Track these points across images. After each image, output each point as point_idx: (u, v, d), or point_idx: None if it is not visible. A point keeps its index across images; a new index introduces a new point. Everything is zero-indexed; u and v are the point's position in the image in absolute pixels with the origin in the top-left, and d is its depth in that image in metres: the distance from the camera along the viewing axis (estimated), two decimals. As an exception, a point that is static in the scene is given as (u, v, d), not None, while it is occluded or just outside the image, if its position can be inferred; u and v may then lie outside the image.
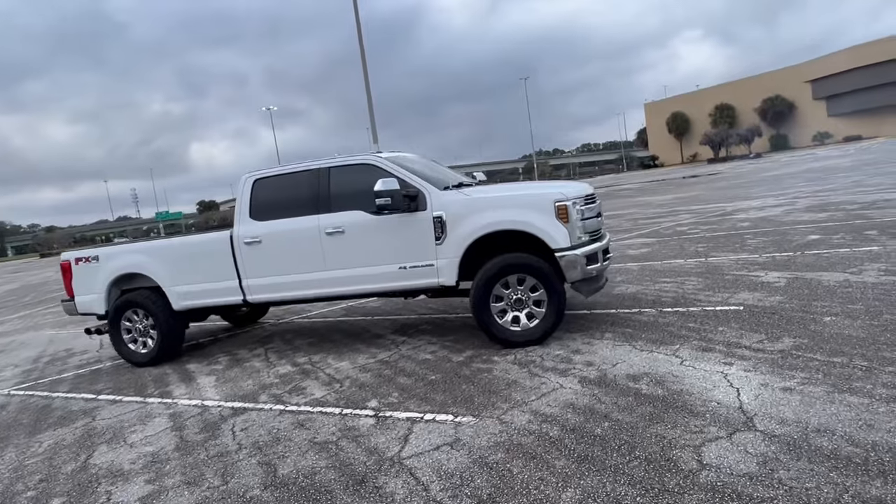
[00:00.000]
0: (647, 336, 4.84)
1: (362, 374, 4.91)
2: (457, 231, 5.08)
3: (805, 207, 12.24)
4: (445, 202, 5.16)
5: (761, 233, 9.52)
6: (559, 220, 4.88)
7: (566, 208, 4.87)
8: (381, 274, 5.37)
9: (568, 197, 4.91)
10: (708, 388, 3.60)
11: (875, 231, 8.13)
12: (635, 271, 7.77)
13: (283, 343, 6.58)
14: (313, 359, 5.67)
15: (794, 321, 4.69)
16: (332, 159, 5.68)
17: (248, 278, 5.86)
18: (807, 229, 9.20)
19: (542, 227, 4.88)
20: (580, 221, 4.98)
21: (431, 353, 5.24)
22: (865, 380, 3.41)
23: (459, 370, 4.65)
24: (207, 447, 3.83)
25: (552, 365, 4.45)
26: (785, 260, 7.10)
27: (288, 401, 4.52)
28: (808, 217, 10.62)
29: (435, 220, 5.15)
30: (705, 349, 4.32)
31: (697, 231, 10.85)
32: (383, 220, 5.28)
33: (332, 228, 5.46)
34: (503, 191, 5.29)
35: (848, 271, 6.10)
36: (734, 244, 8.75)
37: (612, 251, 9.36)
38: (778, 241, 8.45)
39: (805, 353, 3.96)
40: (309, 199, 5.63)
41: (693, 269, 7.39)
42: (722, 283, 6.39)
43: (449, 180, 5.69)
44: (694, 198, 20.10)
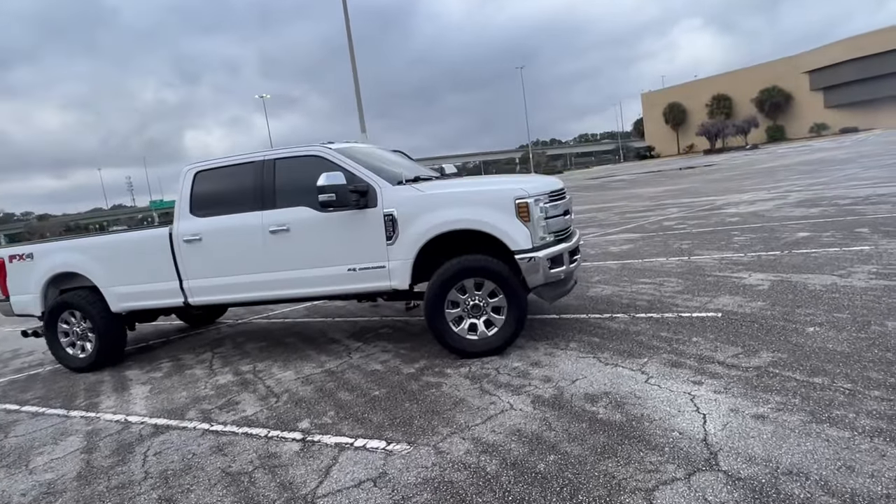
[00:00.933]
0: (615, 346, 4.43)
1: (303, 388, 4.49)
2: (409, 230, 4.64)
3: (797, 202, 11.83)
4: (397, 199, 4.71)
5: (749, 229, 9.10)
6: (520, 219, 4.45)
7: (527, 206, 4.43)
8: (330, 276, 4.93)
9: (530, 194, 4.47)
10: (671, 413, 3.19)
11: (867, 229, 7.72)
12: (614, 270, 7.35)
13: (233, 347, 6.15)
14: (258, 367, 5.24)
15: (774, 331, 4.28)
16: (278, 150, 5.22)
17: (189, 279, 5.42)
18: (797, 226, 8.79)
19: (500, 227, 4.44)
20: (543, 220, 4.54)
21: (382, 363, 4.81)
22: (848, 406, 3.00)
23: (407, 384, 4.23)
24: (111, 476, 3.41)
25: (507, 380, 4.03)
26: (771, 260, 6.69)
27: (216, 418, 4.10)
28: (799, 212, 10.21)
29: (386, 217, 4.70)
30: (675, 364, 3.91)
31: (684, 226, 10.44)
32: (331, 217, 4.83)
33: (276, 226, 5.01)
34: (461, 186, 4.85)
35: (836, 274, 5.69)
36: (720, 241, 8.33)
37: (594, 248, 8.95)
38: (766, 239, 8.03)
39: (783, 372, 3.55)
40: (253, 193, 5.17)
41: (674, 268, 6.98)
42: (702, 285, 5.98)
43: (407, 174, 5.24)
44: (685, 190, 19.67)
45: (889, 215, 8.57)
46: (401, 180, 4.82)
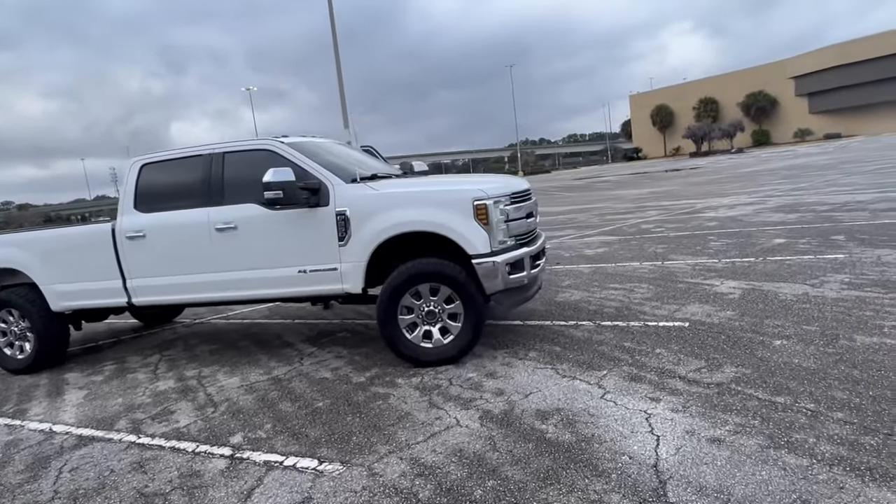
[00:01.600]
0: (576, 357, 4.21)
1: (245, 397, 4.22)
2: (362, 231, 4.38)
3: (776, 207, 11.74)
4: (350, 197, 4.45)
5: (726, 234, 8.97)
6: (478, 222, 4.21)
7: (486, 208, 4.20)
8: (279, 278, 4.66)
9: (489, 195, 4.23)
10: (624, 434, 2.98)
11: (842, 236, 7.61)
12: (586, 275, 7.15)
13: (183, 350, 5.85)
14: (203, 372, 4.96)
15: (740, 344, 4.10)
16: (228, 143, 4.93)
17: (133, 278, 5.11)
18: (773, 231, 8.67)
19: (457, 230, 4.20)
20: (504, 223, 4.30)
21: (332, 371, 4.56)
22: (809, 430, 2.81)
23: (353, 395, 3.98)
24: (17, 495, 3.12)
25: (458, 392, 3.80)
26: (745, 267, 6.53)
27: (145, 430, 3.82)
28: (776, 218, 10.10)
29: (338, 217, 4.44)
30: (634, 378, 3.70)
31: (661, 230, 10.29)
32: (280, 216, 4.56)
33: (222, 224, 4.73)
34: (419, 186, 4.59)
35: (809, 283, 5.53)
36: (696, 246, 8.18)
37: (569, 251, 8.70)
38: (741, 245, 7.89)
39: (745, 389, 3.35)
40: (200, 188, 4.88)
41: (647, 274, 6.79)
42: (673, 292, 5.79)
43: (365, 171, 4.98)
44: (667, 193, 19.60)
45: (866, 223, 8.48)
46: (355, 178, 4.56)
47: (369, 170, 5.08)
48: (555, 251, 9.19)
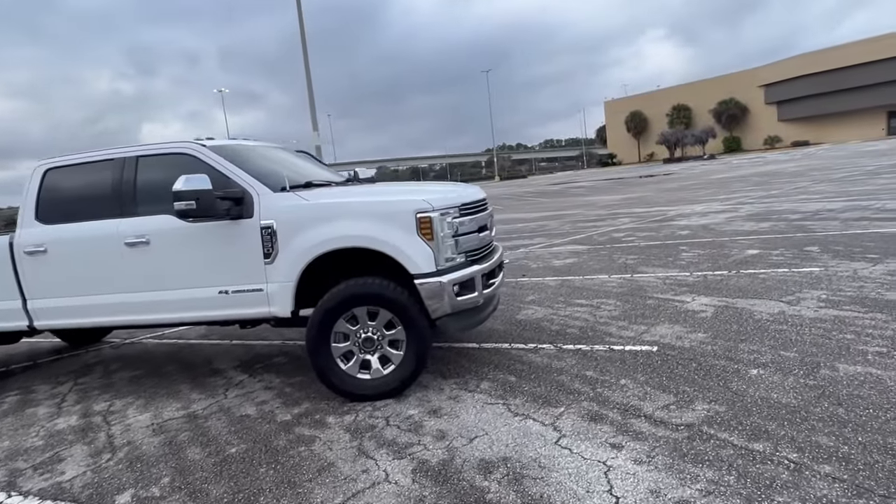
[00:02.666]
0: (531, 389, 3.74)
1: (152, 439, 3.65)
2: (290, 246, 3.85)
3: (748, 215, 11.52)
4: (277, 208, 3.92)
5: (698, 244, 8.64)
6: (421, 237, 3.72)
7: (430, 221, 3.71)
8: (198, 299, 4.10)
9: (434, 207, 3.74)
10: (578, 494, 2.51)
11: (816, 247, 7.32)
12: (552, 288, 6.72)
13: (101, 377, 5.22)
14: (114, 406, 4.36)
15: (713, 374, 3.68)
16: (143, 146, 4.36)
17: (34, 299, 4.49)
18: (746, 242, 8.37)
19: (397, 246, 3.70)
20: (451, 238, 3.82)
21: (258, 406, 4.01)
22: (793, 489, 2.37)
23: (274, 439, 3.45)
24: None
25: (393, 436, 3.30)
26: (717, 281, 6.17)
27: (21, 485, 3.22)
28: (749, 227, 9.84)
29: (263, 230, 3.90)
30: (595, 417, 3.25)
31: (633, 239, 9.94)
32: (199, 229, 4.01)
33: (133, 237, 4.15)
34: (356, 195, 4.08)
35: (784, 300, 5.17)
36: (667, 257, 7.82)
37: (537, 261, 8.16)
38: (714, 256, 7.55)
39: (719, 433, 2.92)
40: (110, 197, 4.30)
41: (615, 288, 6.38)
42: (641, 309, 5.38)
43: (304, 178, 4.45)
44: (640, 199, 19.42)
45: (839, 233, 8.23)
46: (284, 186, 4.03)
47: (307, 177, 4.56)
48: (522, 262, 8.75)
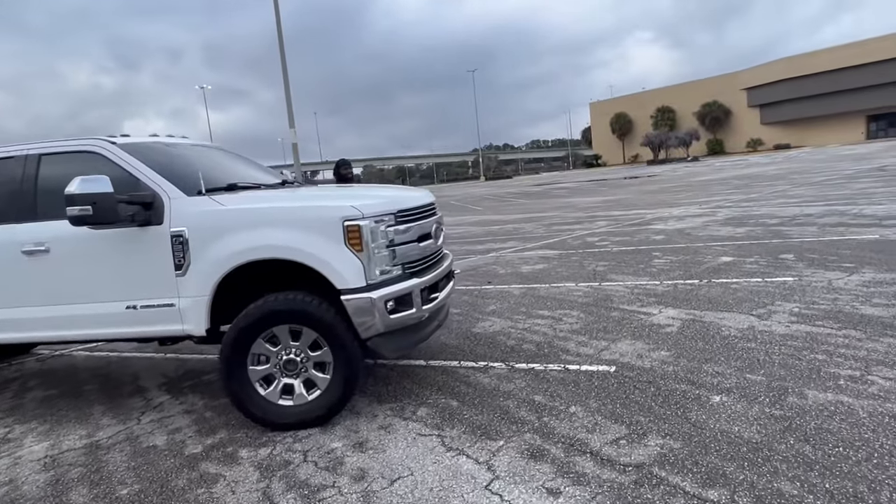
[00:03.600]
0: (472, 418, 3.37)
1: (37, 476, 3.21)
2: (204, 257, 3.43)
3: (725, 219, 11.27)
4: (189, 214, 3.49)
5: (672, 250, 8.34)
6: (350, 247, 3.32)
7: (359, 230, 3.31)
8: (104, 315, 3.67)
9: (365, 214, 3.34)
10: (499, 558, 2.13)
11: (791, 255, 7.04)
12: (515, 297, 6.35)
13: (12, 396, 4.75)
14: (13, 433, 3.90)
15: (672, 401, 3.33)
16: (46, 143, 3.91)
17: (-77, 312, 4.01)
18: (721, 248, 8.08)
19: (321, 257, 3.30)
20: (386, 249, 3.43)
21: (171, 434, 3.58)
22: (748, 555, 2.02)
23: (175, 477, 3.03)
24: None
25: (307, 475, 2.90)
26: (687, 291, 5.84)
27: None
28: (725, 232, 9.57)
29: (174, 239, 3.48)
30: (535, 454, 2.87)
31: (606, 244, 9.62)
32: (103, 236, 3.57)
33: (31, 245, 3.70)
34: (280, 200, 3.68)
35: (755, 313, 4.85)
36: (639, 264, 7.50)
37: (505, 267, 7.71)
38: (686, 263, 7.24)
39: (670, 476, 2.56)
40: (7, 199, 3.84)
41: (581, 297, 6.04)
42: (605, 322, 5.03)
43: (227, 180, 4.02)
44: (619, 202, 19.18)
45: (815, 239, 7.98)
46: (200, 189, 3.60)
47: (235, 179, 4.13)
48: (491, 268, 8.38)
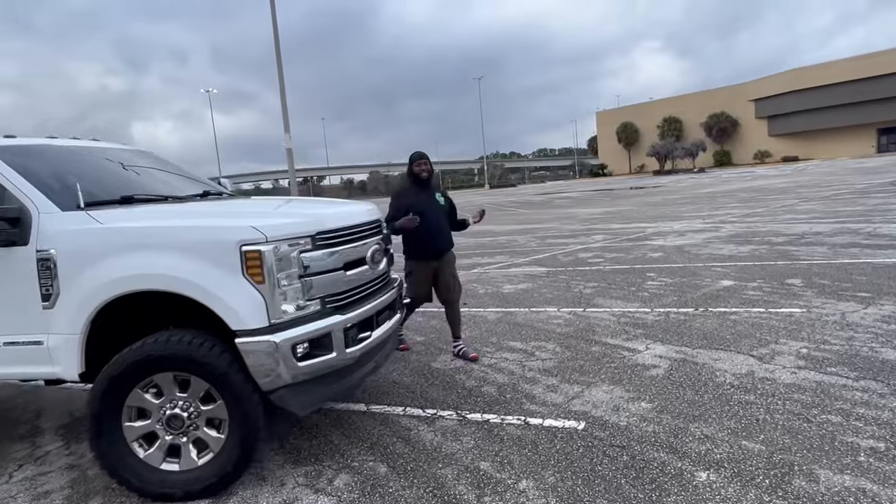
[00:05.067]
0: (396, 493, 2.71)
1: None
2: (75, 286, 2.80)
3: (728, 236, 10.57)
4: (59, 232, 2.86)
5: (668, 270, 7.66)
6: (248, 278, 2.68)
7: (260, 257, 2.67)
8: (-41, 352, 3.03)
9: (269, 236, 2.70)
10: None
11: (799, 280, 6.35)
12: (489, 323, 5.69)
13: None
14: None
15: (646, 477, 2.65)
16: None
17: None
18: (722, 269, 7.39)
19: (209, 290, 2.65)
20: (298, 280, 2.79)
21: (36, 499, 2.94)
22: None
23: (6, 570, 2.38)
24: None
25: (166, 578, 2.24)
26: (680, 322, 5.16)
27: None
28: (727, 250, 8.88)
29: (40, 263, 2.84)
30: (462, 556, 2.21)
31: (599, 261, 8.94)
32: (-40, 257, 2.94)
33: None
34: (170, 217, 3.03)
35: (756, 353, 4.17)
36: (630, 286, 6.82)
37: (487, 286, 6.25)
38: (682, 287, 6.56)
39: None
40: None
41: (561, 326, 5.37)
42: (582, 360, 4.36)
43: (126, 191, 3.38)
44: (621, 214, 18.49)
45: (825, 261, 7.28)
46: (79, 203, 2.97)
47: (139, 190, 3.50)
48: (470, 286, 7.72)
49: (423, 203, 4.47)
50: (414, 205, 4.41)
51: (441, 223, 4.56)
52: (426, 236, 4.43)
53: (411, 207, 4.39)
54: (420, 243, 4.48)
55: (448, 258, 4.60)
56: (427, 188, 4.59)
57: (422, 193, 4.54)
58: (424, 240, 4.45)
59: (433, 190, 4.65)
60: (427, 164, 4.56)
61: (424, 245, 4.48)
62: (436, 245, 4.51)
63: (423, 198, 4.51)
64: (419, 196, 4.52)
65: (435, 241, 4.49)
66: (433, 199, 4.57)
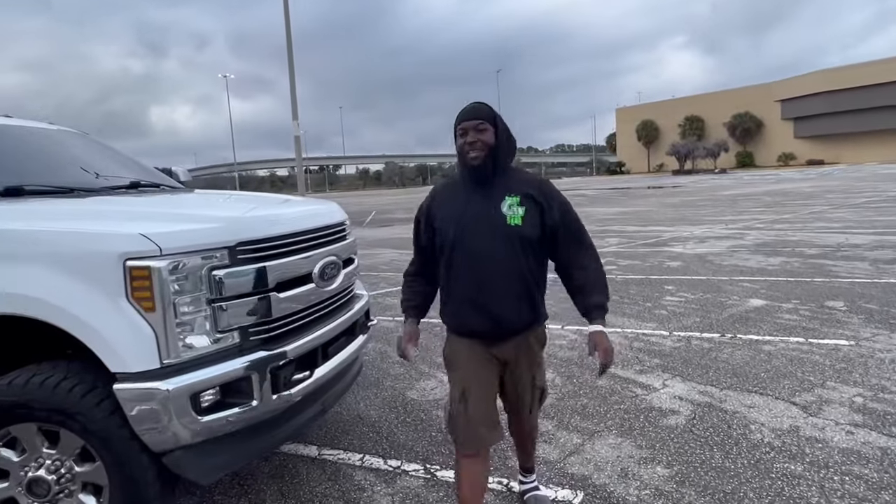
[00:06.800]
0: None
1: None
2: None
3: (755, 245, 9.73)
4: None
5: (689, 283, 6.88)
6: (134, 303, 2.00)
7: (149, 275, 1.99)
8: None
9: (165, 247, 2.02)
10: None
11: (842, 303, 5.55)
12: (482, 341, 4.98)
13: None
14: None
15: None
16: None
17: None
18: (750, 285, 6.60)
19: (81, 318, 1.98)
20: (206, 305, 2.10)
21: None
22: None
23: None
24: None
25: None
26: (704, 351, 4.42)
27: None
28: (755, 262, 8.06)
29: None
30: None
31: (612, 269, 8.17)
32: None
33: None
34: (48, 219, 2.35)
35: (799, 400, 3.42)
36: (646, 301, 6.07)
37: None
38: (706, 305, 5.79)
39: None
40: None
41: (563, 349, 4.65)
42: (586, 397, 3.65)
43: (30, 181, 2.72)
44: (637, 215, 17.62)
45: (869, 280, 6.45)
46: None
47: (55, 178, 2.84)
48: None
49: (469, 215, 2.08)
50: (446, 219, 2.12)
51: (503, 263, 2.06)
52: (467, 287, 2.09)
53: (440, 222, 2.14)
54: (453, 302, 2.15)
55: (522, 344, 2.17)
56: (485, 183, 2.09)
57: (473, 195, 2.10)
58: (460, 295, 2.12)
59: (500, 187, 2.10)
60: (481, 130, 2.04)
61: (461, 309, 2.13)
62: (484, 310, 2.08)
63: (473, 204, 2.09)
64: (465, 199, 2.11)
65: (482, 300, 2.07)
66: (493, 208, 2.07)
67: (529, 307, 2.12)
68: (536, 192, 2.11)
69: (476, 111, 2.07)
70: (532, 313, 2.14)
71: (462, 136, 2.06)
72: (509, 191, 2.08)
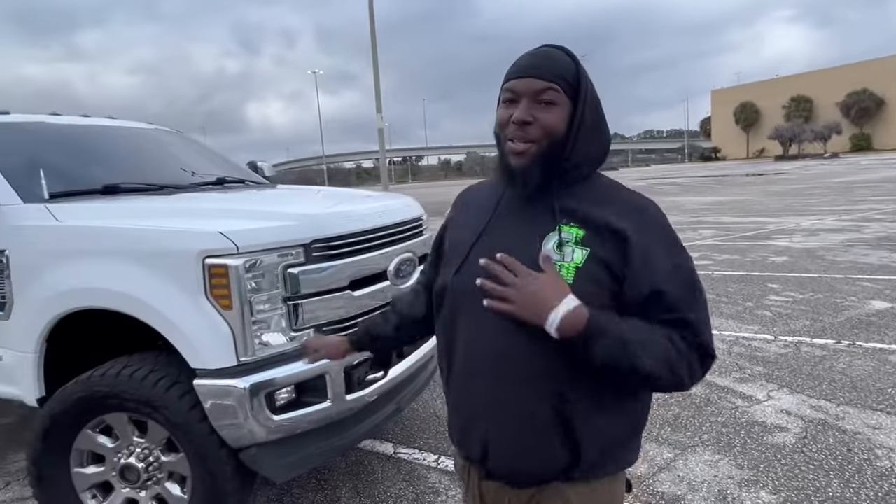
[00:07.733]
0: None
1: None
2: (30, 294, 2.30)
3: (875, 239, 8.69)
4: (14, 229, 2.37)
5: (797, 281, 6.24)
6: (213, 301, 2.02)
7: (226, 274, 2.00)
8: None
9: (241, 245, 2.02)
10: None
11: None
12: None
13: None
14: None
15: None
16: None
17: None
18: (871, 284, 5.88)
19: (163, 313, 2.03)
20: (281, 304, 2.10)
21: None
22: None
23: None
24: None
25: None
26: (816, 359, 3.95)
27: None
28: (876, 258, 7.18)
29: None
30: None
31: (707, 263, 7.60)
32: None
33: None
34: (134, 216, 2.41)
35: (937, 423, 2.95)
36: (746, 301, 5.56)
37: None
38: (816, 307, 5.21)
39: None
40: None
41: (652, 351, 4.34)
42: (678, 407, 3.36)
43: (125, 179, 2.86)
44: (735, 204, 16.37)
45: None
46: (42, 193, 2.46)
47: (145, 177, 2.98)
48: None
49: (484, 248, 1.10)
50: (454, 246, 1.22)
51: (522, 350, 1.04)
52: (459, 378, 1.16)
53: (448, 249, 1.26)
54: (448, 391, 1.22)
55: None
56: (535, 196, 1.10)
57: (507, 212, 1.15)
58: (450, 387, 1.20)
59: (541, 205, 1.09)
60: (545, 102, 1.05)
61: (451, 412, 1.21)
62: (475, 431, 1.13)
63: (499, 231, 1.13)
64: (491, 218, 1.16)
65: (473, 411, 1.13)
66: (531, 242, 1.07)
67: (562, 440, 1.05)
68: (630, 226, 1.04)
69: (544, 63, 1.08)
70: (569, 452, 1.06)
71: (508, 106, 1.09)
72: (572, 214, 1.07)
